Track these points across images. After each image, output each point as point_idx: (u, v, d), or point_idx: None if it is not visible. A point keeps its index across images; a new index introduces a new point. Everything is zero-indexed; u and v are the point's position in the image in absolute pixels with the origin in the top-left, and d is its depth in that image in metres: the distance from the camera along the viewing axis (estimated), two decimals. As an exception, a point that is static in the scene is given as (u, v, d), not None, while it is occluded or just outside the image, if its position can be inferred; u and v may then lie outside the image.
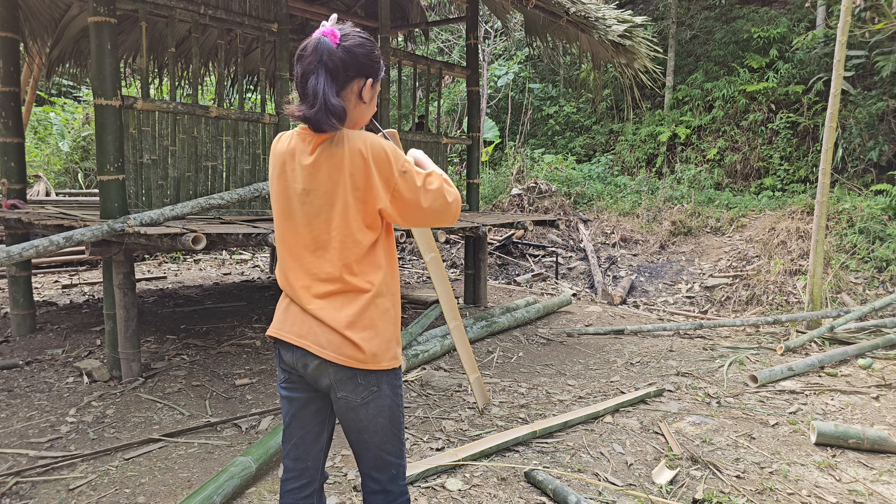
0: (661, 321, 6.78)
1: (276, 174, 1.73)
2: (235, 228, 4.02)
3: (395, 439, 1.84)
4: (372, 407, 1.74)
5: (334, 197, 1.64)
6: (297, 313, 1.73)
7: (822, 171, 5.95)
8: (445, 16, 12.47)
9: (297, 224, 1.70)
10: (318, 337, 1.68)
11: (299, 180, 1.67)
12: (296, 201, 1.69)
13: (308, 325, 1.70)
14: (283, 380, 1.83)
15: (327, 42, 1.60)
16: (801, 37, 10.11)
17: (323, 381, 1.72)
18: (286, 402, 1.84)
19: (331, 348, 1.67)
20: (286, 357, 1.77)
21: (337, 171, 1.62)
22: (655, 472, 3.14)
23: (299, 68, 1.63)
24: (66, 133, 11.85)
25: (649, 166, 11.53)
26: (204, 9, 4.58)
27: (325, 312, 1.68)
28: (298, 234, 1.70)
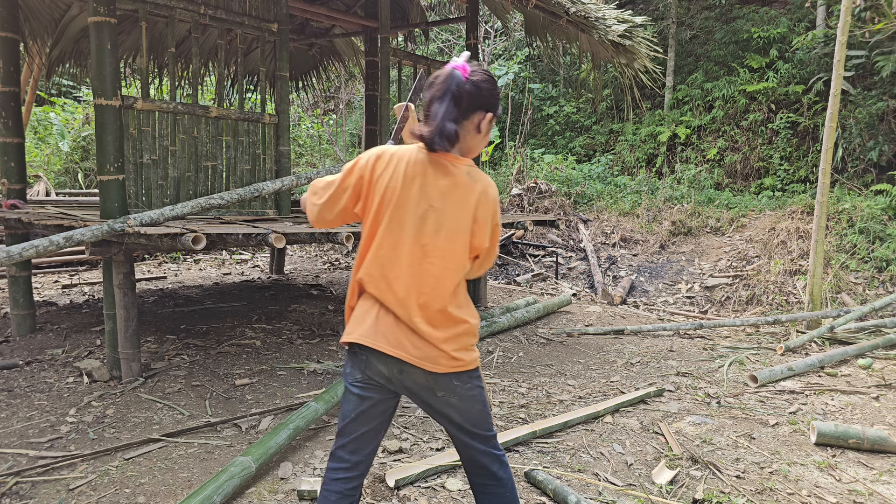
0: (661, 321, 6.78)
1: (402, 184, 1.83)
2: (235, 228, 4.02)
3: (488, 417, 2.03)
4: (471, 398, 1.95)
5: (457, 222, 1.83)
6: (392, 323, 1.86)
7: (822, 171, 5.95)
8: (445, 16, 12.47)
9: (409, 236, 1.84)
10: (417, 349, 1.84)
11: (428, 197, 1.82)
12: (416, 214, 1.83)
13: (405, 336, 1.85)
14: (360, 380, 1.92)
15: (458, 74, 1.80)
16: (801, 37, 10.11)
17: (417, 385, 1.90)
18: (356, 399, 1.93)
19: (429, 360, 1.84)
20: (377, 365, 1.88)
21: (466, 200, 1.83)
22: (655, 472, 3.14)
23: (428, 94, 1.84)
24: (66, 133, 11.84)
25: (649, 166, 11.52)
26: (204, 9, 4.58)
27: (425, 328, 1.84)
28: (409, 245, 1.84)
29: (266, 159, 5.05)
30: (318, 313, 6.35)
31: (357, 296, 1.97)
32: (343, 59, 9.77)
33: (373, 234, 1.88)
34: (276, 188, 4.70)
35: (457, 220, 1.83)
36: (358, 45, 9.40)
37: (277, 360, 4.76)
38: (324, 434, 3.50)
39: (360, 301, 1.96)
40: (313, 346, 5.22)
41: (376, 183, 1.86)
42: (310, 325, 5.82)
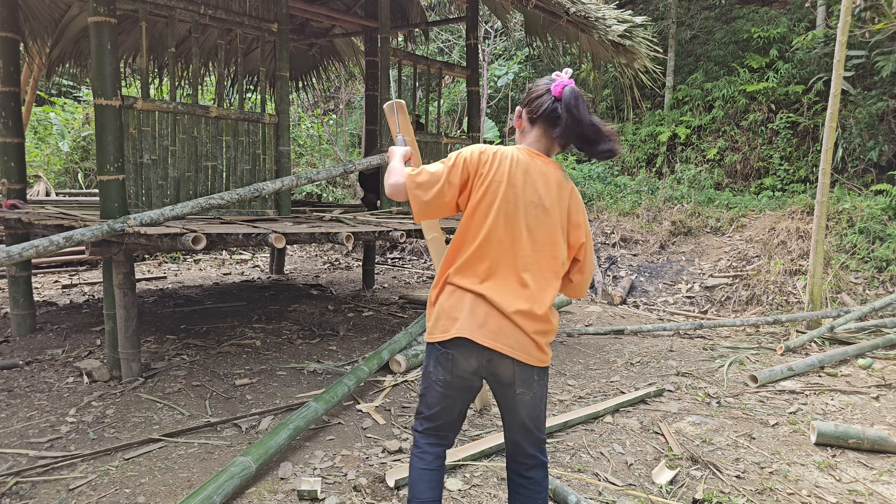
0: (661, 321, 6.78)
1: (507, 180, 1.93)
2: (235, 228, 4.02)
3: (545, 419, 2.14)
4: (539, 396, 2.05)
5: (557, 218, 1.97)
6: (488, 313, 1.91)
7: (822, 171, 5.95)
8: (445, 16, 12.47)
9: (515, 229, 1.93)
10: (512, 339, 1.92)
11: (532, 193, 1.94)
12: (522, 210, 1.93)
13: (501, 326, 1.91)
14: (443, 381, 2.00)
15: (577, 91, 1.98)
16: (801, 37, 10.10)
17: (501, 378, 1.98)
18: (439, 395, 2.03)
19: (523, 351, 1.93)
20: (467, 359, 1.95)
21: (562, 197, 1.98)
22: (655, 472, 3.14)
23: (577, 112, 1.95)
24: (66, 133, 11.84)
25: (649, 166, 11.52)
26: (204, 9, 4.58)
27: (523, 319, 1.91)
28: (514, 238, 1.93)
29: (266, 159, 5.05)
30: (318, 313, 6.35)
31: (441, 290, 2.01)
32: (343, 59, 9.78)
33: (475, 227, 1.94)
34: (276, 188, 4.70)
35: (557, 216, 1.97)
36: (358, 45, 9.40)
37: (277, 360, 4.76)
38: (324, 434, 3.50)
39: (444, 296, 1.99)
40: (313, 346, 5.22)
41: (481, 178, 1.94)
42: (310, 325, 5.82)
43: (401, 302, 7.15)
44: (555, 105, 1.96)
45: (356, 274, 9.12)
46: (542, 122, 2.00)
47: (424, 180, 1.97)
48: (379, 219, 5.44)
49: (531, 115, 2.03)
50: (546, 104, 1.97)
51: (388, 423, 3.67)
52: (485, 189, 1.93)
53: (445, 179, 1.96)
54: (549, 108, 1.96)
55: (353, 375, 3.96)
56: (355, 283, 8.42)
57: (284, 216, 5.07)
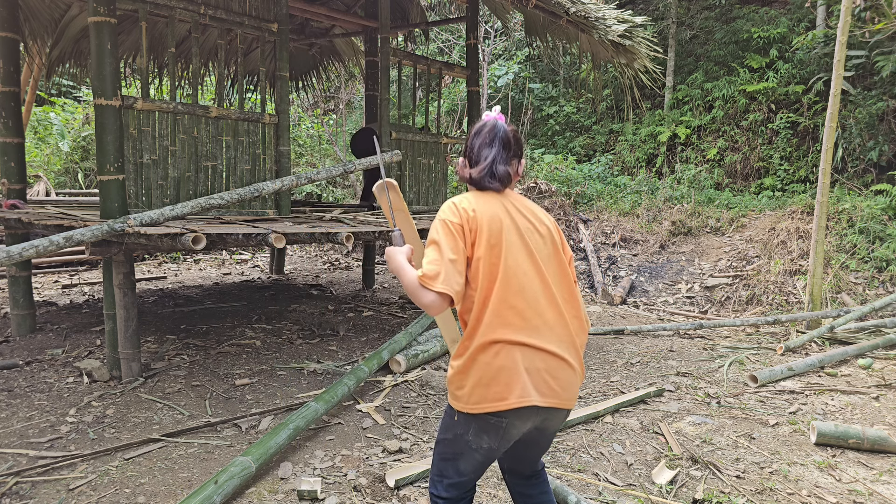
0: (661, 321, 6.78)
1: (498, 224, 1.85)
2: (235, 228, 4.03)
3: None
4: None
5: (551, 237, 1.93)
6: (544, 367, 1.79)
7: (822, 171, 5.95)
8: (445, 16, 12.47)
9: (533, 258, 1.85)
10: (568, 388, 1.84)
11: (522, 226, 1.88)
12: (527, 238, 1.87)
13: (557, 375, 1.81)
14: (487, 449, 1.84)
15: (502, 124, 1.98)
16: (801, 37, 10.10)
17: (551, 429, 1.94)
18: (478, 462, 1.90)
19: (573, 397, 1.87)
20: (523, 424, 1.82)
21: (543, 216, 1.96)
22: (655, 472, 3.14)
23: (476, 141, 1.97)
24: (66, 133, 11.83)
25: (649, 166, 11.52)
26: (204, 9, 4.58)
27: (573, 358, 1.85)
28: (536, 275, 1.84)
29: (266, 159, 5.05)
30: (318, 313, 6.35)
31: (479, 351, 1.80)
32: (343, 59, 9.77)
33: (490, 273, 1.80)
34: (276, 188, 4.70)
35: (550, 237, 1.93)
36: (358, 45, 9.39)
37: (277, 360, 4.76)
38: (324, 434, 3.50)
39: (486, 356, 1.78)
40: (313, 346, 5.22)
41: (477, 232, 1.83)
42: (310, 325, 5.82)
43: (401, 302, 7.15)
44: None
45: (356, 274, 9.12)
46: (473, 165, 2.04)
47: (434, 270, 1.75)
48: (379, 219, 5.44)
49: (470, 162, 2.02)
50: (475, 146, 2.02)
51: (388, 423, 3.67)
52: (486, 235, 1.82)
53: (448, 250, 1.79)
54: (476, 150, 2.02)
55: (353, 375, 3.97)
56: (355, 283, 8.42)
57: (284, 216, 5.07)
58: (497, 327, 1.78)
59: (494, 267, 1.81)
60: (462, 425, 1.85)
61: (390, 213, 2.17)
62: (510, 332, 1.78)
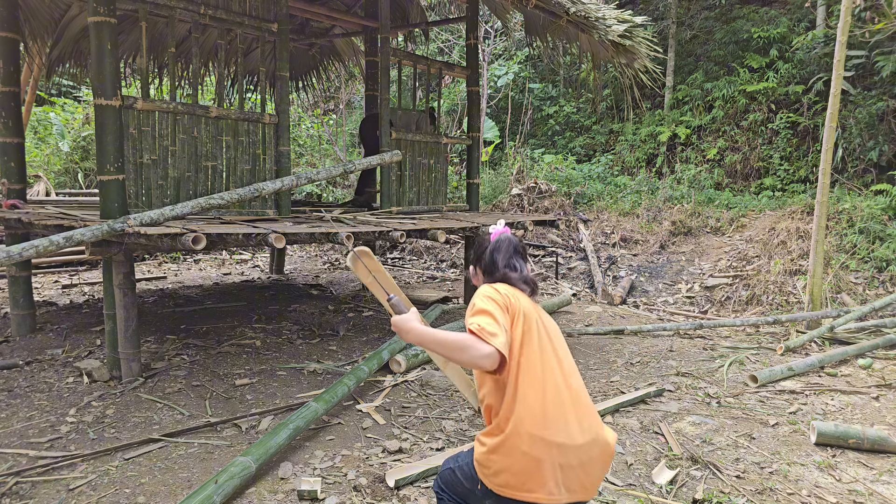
0: (661, 321, 6.78)
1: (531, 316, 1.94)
2: (235, 228, 4.02)
3: None
4: None
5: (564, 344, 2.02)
6: (588, 463, 1.81)
7: (822, 171, 5.95)
8: (445, 16, 12.46)
9: (556, 354, 1.92)
10: (600, 479, 1.88)
11: (546, 325, 1.98)
12: (546, 336, 1.93)
13: (597, 471, 1.84)
14: None
15: (514, 237, 2.19)
16: (801, 37, 10.10)
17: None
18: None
19: (594, 488, 1.88)
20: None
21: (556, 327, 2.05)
22: (655, 472, 3.14)
23: (498, 256, 2.11)
24: (66, 133, 11.83)
25: (649, 166, 11.52)
26: (204, 9, 4.58)
27: (604, 453, 1.87)
28: (560, 362, 1.92)
29: (266, 159, 5.05)
30: (318, 313, 6.35)
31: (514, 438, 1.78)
32: (343, 59, 9.77)
33: (527, 369, 1.83)
34: (276, 188, 4.70)
35: (559, 334, 2.03)
36: (358, 45, 9.40)
37: (277, 360, 4.76)
38: (324, 434, 3.50)
39: (519, 445, 1.77)
40: (313, 346, 5.21)
41: (516, 315, 1.90)
42: (310, 325, 5.82)
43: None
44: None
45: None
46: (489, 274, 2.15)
47: (494, 330, 1.76)
48: (379, 219, 5.44)
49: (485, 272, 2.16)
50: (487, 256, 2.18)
51: (388, 423, 3.67)
52: (522, 320, 1.89)
53: (500, 316, 1.82)
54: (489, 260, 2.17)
55: (353, 375, 3.96)
56: (355, 283, 8.42)
57: (284, 216, 5.07)
58: (533, 418, 1.78)
59: (529, 355, 1.85)
60: (482, 492, 1.88)
61: (374, 281, 2.04)
62: (544, 426, 1.77)
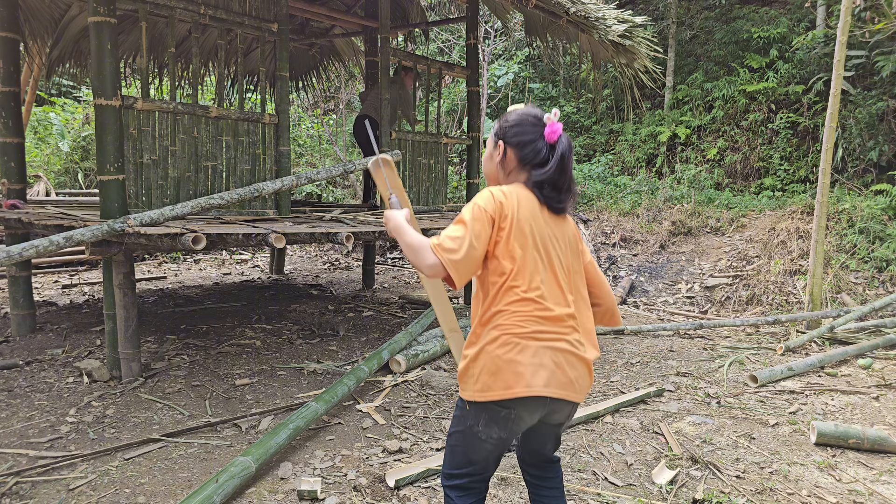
0: (661, 321, 6.78)
1: (528, 216, 1.85)
2: (235, 228, 4.02)
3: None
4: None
5: (576, 250, 1.96)
6: (560, 361, 1.80)
7: (822, 171, 5.95)
8: (445, 16, 12.46)
9: (553, 260, 1.88)
10: (580, 383, 1.85)
11: (552, 229, 1.90)
12: (550, 243, 1.88)
13: (571, 370, 1.82)
14: (497, 438, 1.85)
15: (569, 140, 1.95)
16: (801, 37, 10.10)
17: (554, 421, 1.92)
18: (488, 450, 1.89)
19: (584, 390, 1.88)
20: (530, 415, 1.83)
21: (570, 231, 1.96)
22: (655, 472, 3.14)
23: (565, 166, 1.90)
24: (66, 133, 11.83)
25: (649, 166, 11.52)
26: (204, 9, 4.58)
27: (588, 352, 1.87)
28: (559, 271, 1.88)
29: (266, 159, 5.05)
30: (318, 313, 6.35)
31: (489, 342, 1.81)
32: (343, 59, 9.77)
33: (509, 272, 1.82)
34: (276, 188, 4.70)
35: (574, 240, 1.97)
36: (358, 45, 9.39)
37: (277, 360, 4.76)
38: (324, 434, 3.50)
39: (493, 346, 1.80)
40: (313, 346, 5.21)
41: (511, 221, 1.83)
42: (310, 325, 5.82)
43: (401, 302, 7.15)
44: (548, 153, 1.90)
45: (356, 274, 9.12)
46: (532, 167, 1.92)
47: (452, 245, 1.77)
48: (379, 219, 5.44)
49: (523, 161, 1.93)
50: (542, 151, 1.90)
51: (388, 423, 3.67)
52: (516, 226, 1.82)
53: (472, 234, 1.79)
54: (544, 155, 1.90)
55: (353, 375, 3.96)
56: (355, 283, 8.42)
57: (284, 216, 5.07)
58: (510, 318, 1.80)
59: (514, 257, 1.82)
60: (472, 416, 1.85)
61: (386, 189, 2.13)
62: (523, 324, 1.79)
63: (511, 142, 1.95)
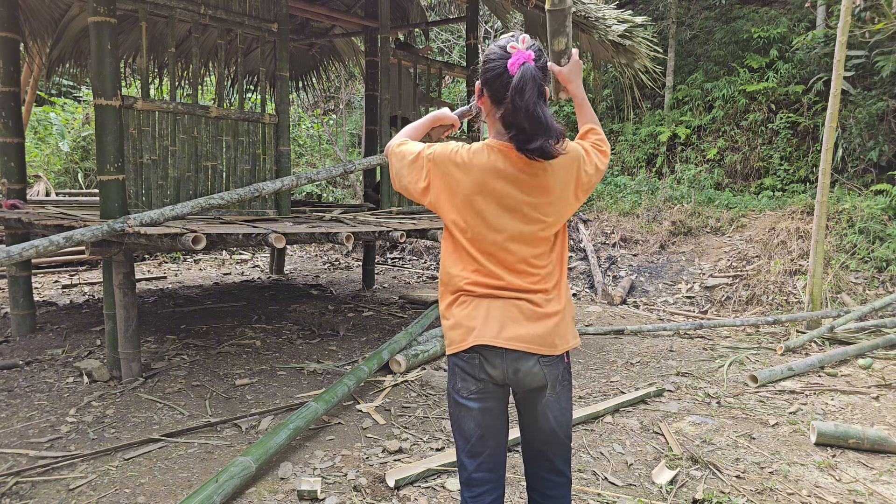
0: (661, 321, 6.78)
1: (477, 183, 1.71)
2: (235, 228, 4.02)
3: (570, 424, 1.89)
4: (565, 396, 1.82)
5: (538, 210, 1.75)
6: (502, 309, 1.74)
7: (822, 171, 5.95)
8: (445, 16, 12.47)
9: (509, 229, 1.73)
10: (539, 335, 1.72)
11: (517, 191, 1.70)
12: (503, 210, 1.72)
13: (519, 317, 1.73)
14: (476, 390, 1.77)
15: (533, 68, 1.62)
16: (801, 37, 10.10)
17: (534, 382, 1.75)
18: (479, 414, 1.78)
19: (546, 344, 1.73)
20: (495, 365, 1.74)
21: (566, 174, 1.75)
22: (655, 472, 3.14)
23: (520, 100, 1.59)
24: (66, 133, 11.83)
25: (649, 166, 11.52)
26: (204, 9, 4.58)
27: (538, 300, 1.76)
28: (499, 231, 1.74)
29: (266, 159, 5.05)
30: (318, 313, 6.35)
31: (450, 304, 1.80)
32: (343, 59, 9.77)
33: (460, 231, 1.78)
34: (276, 188, 4.70)
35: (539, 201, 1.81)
36: (358, 45, 9.39)
37: (277, 360, 4.76)
38: (324, 434, 3.50)
39: (452, 305, 1.79)
40: (313, 346, 5.22)
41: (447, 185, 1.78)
42: (310, 325, 5.82)
43: (401, 302, 7.15)
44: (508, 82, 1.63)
45: (356, 274, 9.12)
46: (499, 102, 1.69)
47: (399, 152, 1.84)
48: (379, 219, 5.44)
49: (493, 99, 1.71)
50: (505, 81, 1.64)
51: (388, 423, 3.67)
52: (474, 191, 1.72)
53: (410, 166, 1.80)
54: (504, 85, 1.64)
55: (353, 375, 3.96)
56: (355, 283, 8.42)
57: (284, 216, 5.07)
58: (463, 275, 1.77)
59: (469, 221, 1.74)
60: (451, 377, 1.83)
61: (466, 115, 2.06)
62: (473, 279, 1.75)
63: (483, 80, 1.73)
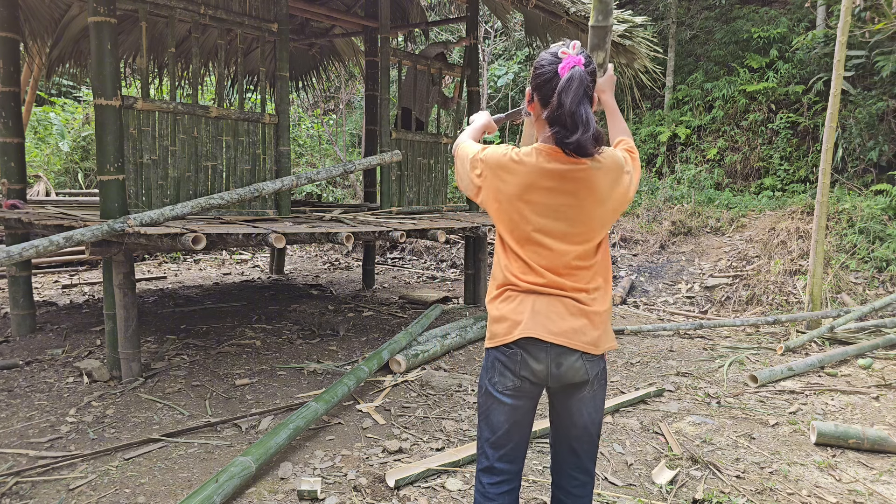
0: (661, 321, 6.78)
1: (525, 185, 1.76)
2: (235, 228, 4.02)
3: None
4: (601, 395, 1.87)
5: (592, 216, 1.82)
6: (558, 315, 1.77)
7: (822, 171, 5.95)
8: (445, 16, 12.46)
9: (560, 230, 1.78)
10: (583, 332, 1.77)
11: (563, 193, 1.75)
12: (550, 217, 1.78)
13: (572, 323, 1.77)
14: (513, 388, 1.80)
15: (582, 71, 1.69)
16: (801, 37, 10.10)
17: (576, 378, 1.79)
18: (510, 410, 1.82)
19: (592, 344, 1.78)
20: (539, 359, 1.76)
21: (610, 178, 1.79)
22: (655, 472, 3.14)
23: (565, 97, 1.65)
24: (66, 133, 11.83)
25: (649, 166, 11.52)
26: (204, 9, 4.58)
27: (584, 315, 1.80)
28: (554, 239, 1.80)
29: (266, 159, 5.05)
30: (318, 313, 6.35)
31: (496, 296, 1.87)
32: (343, 59, 9.77)
33: (508, 233, 1.86)
34: (276, 188, 4.70)
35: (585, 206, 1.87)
36: (358, 45, 9.39)
37: (277, 360, 4.76)
38: (324, 434, 3.50)
39: (498, 300, 1.85)
40: (313, 346, 5.21)
41: (496, 189, 1.89)
42: (310, 325, 5.82)
43: (401, 302, 7.15)
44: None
45: (356, 274, 9.12)
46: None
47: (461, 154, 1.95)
48: (379, 219, 5.44)
49: (542, 103, 1.77)
50: (554, 84, 1.70)
51: (388, 423, 3.67)
52: (526, 193, 1.77)
53: (471, 168, 1.88)
54: (553, 88, 1.71)
55: (353, 375, 3.96)
56: (355, 283, 8.42)
57: (284, 216, 5.07)
58: (510, 271, 1.83)
59: (516, 221, 1.80)
60: (488, 371, 1.85)
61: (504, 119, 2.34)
62: (519, 276, 1.81)
63: (533, 85, 1.79)
